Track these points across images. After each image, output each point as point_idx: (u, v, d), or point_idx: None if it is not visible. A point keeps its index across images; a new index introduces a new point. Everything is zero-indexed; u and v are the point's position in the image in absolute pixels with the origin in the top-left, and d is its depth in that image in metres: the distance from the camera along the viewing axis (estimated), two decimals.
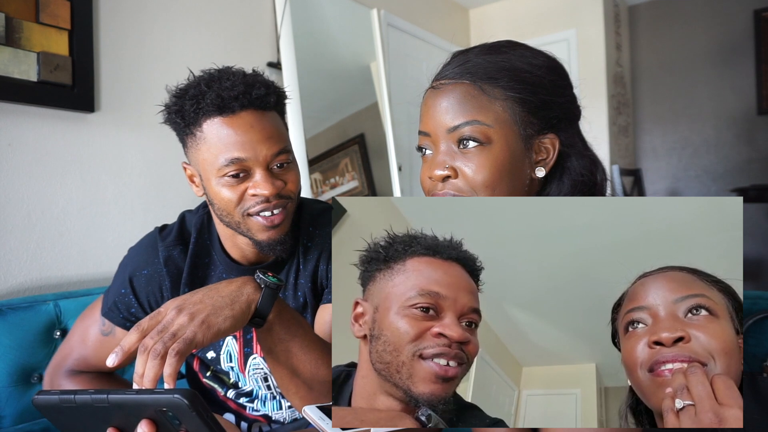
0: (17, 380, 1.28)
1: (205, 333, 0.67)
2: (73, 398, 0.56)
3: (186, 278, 0.96)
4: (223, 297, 0.71)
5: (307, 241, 0.99)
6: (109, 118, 1.68)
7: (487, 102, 0.69)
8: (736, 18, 3.81)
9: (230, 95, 0.83)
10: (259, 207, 0.85)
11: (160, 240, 0.98)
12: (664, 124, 4.11)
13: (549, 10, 3.78)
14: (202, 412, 0.54)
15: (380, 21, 2.89)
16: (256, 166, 0.84)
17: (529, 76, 0.70)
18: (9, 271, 1.46)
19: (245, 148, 0.83)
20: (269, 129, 0.85)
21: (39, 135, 1.53)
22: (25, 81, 1.46)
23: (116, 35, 1.72)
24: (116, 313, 0.96)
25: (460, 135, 0.69)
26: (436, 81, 0.74)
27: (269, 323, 0.75)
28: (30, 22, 1.47)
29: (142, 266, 0.97)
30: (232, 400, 1.07)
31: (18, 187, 1.49)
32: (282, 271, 0.99)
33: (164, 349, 0.64)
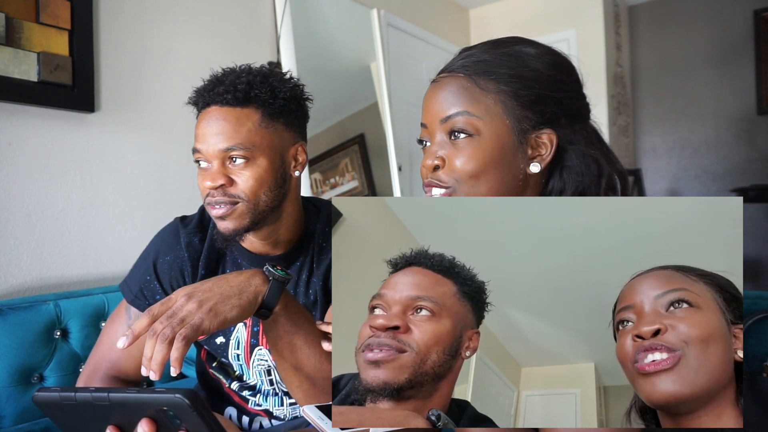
0: (17, 380, 1.28)
1: (212, 320, 0.70)
2: (73, 396, 0.56)
3: (203, 262, 0.99)
4: (231, 287, 0.74)
5: (322, 241, 1.01)
6: (109, 118, 1.68)
7: (479, 94, 0.70)
8: (736, 18, 3.81)
9: (205, 91, 0.91)
10: (208, 198, 0.91)
11: (182, 227, 1.01)
12: (664, 124, 4.11)
13: (549, 10, 3.78)
14: (203, 411, 0.54)
15: (380, 21, 2.89)
16: (210, 159, 0.90)
17: (525, 70, 0.71)
18: (9, 271, 1.46)
19: (200, 140, 0.90)
20: (224, 125, 0.89)
21: (39, 135, 1.54)
22: (25, 81, 1.46)
23: (116, 35, 1.72)
24: (142, 300, 0.98)
25: (451, 125, 0.71)
26: (438, 75, 0.76)
27: (275, 315, 0.77)
28: (30, 22, 1.47)
29: (165, 252, 1.00)
30: (236, 393, 1.07)
31: (18, 187, 1.49)
32: (293, 267, 1.01)
33: (172, 333, 0.66)
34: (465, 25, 4.05)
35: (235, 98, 0.89)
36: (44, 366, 1.33)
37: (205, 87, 0.92)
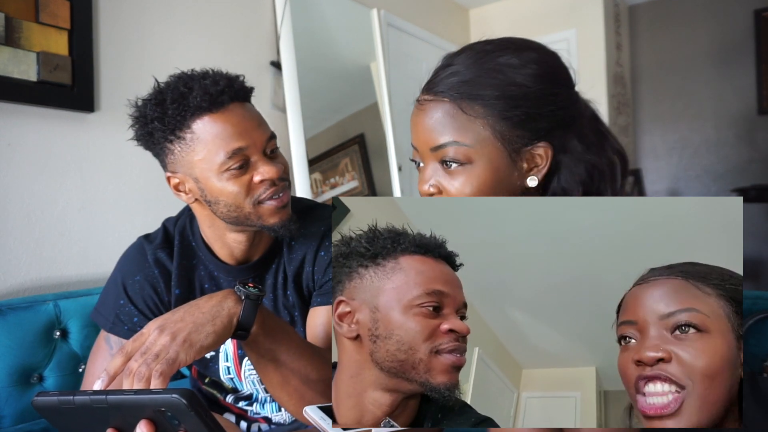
0: (17, 380, 1.28)
1: (187, 351, 0.67)
2: (72, 399, 0.56)
3: (176, 280, 0.95)
4: (204, 313, 0.71)
5: (290, 239, 0.98)
6: (109, 118, 1.68)
7: (467, 122, 0.68)
8: (736, 18, 3.81)
9: (216, 90, 0.83)
10: (269, 192, 0.86)
11: (147, 243, 0.98)
12: (664, 124, 4.11)
13: (549, 10, 3.78)
14: (201, 411, 0.54)
15: (380, 21, 2.89)
16: (255, 154, 0.86)
17: (511, 89, 0.68)
18: (9, 271, 1.46)
19: (244, 138, 0.84)
20: (257, 117, 0.88)
21: (39, 135, 1.53)
22: (24, 81, 1.46)
23: (116, 35, 1.72)
24: (121, 326, 0.94)
25: (442, 155, 0.70)
26: (421, 95, 0.73)
27: (253, 335, 0.74)
28: (30, 21, 1.47)
29: (133, 272, 0.96)
30: (233, 405, 1.07)
31: (18, 187, 1.49)
32: (270, 270, 0.98)
33: (148, 371, 0.64)
34: (465, 25, 4.05)
35: (247, 94, 0.89)
36: (44, 366, 1.33)
37: (214, 86, 0.84)
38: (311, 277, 0.96)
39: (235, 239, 0.93)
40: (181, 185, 0.89)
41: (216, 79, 0.84)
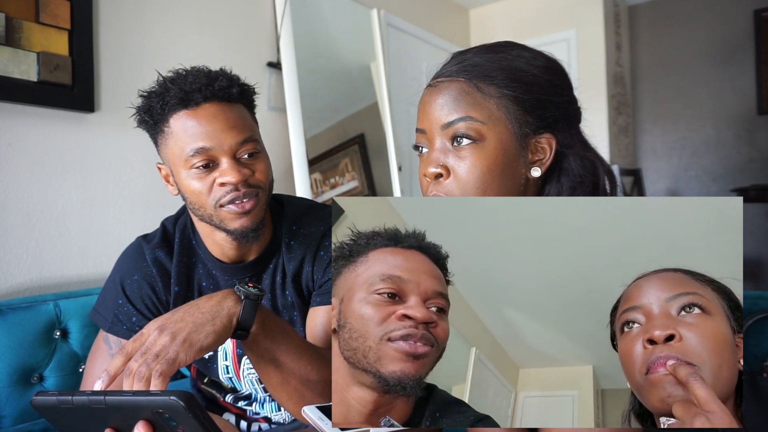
0: (17, 380, 1.28)
1: (187, 351, 0.68)
2: (70, 399, 0.56)
3: (175, 278, 0.96)
4: (203, 313, 0.71)
5: (290, 239, 0.98)
6: (109, 118, 1.68)
7: (482, 99, 0.69)
8: (736, 18, 3.81)
9: (192, 88, 0.84)
10: (230, 196, 0.86)
11: (145, 243, 0.98)
12: (664, 124, 4.11)
13: (549, 10, 3.78)
14: (198, 413, 0.54)
15: (380, 21, 2.89)
16: (222, 156, 0.85)
17: (524, 75, 0.70)
18: (9, 271, 1.46)
19: (209, 138, 0.84)
20: (233, 119, 0.86)
21: (39, 135, 1.53)
22: (25, 81, 1.46)
23: (116, 35, 1.72)
24: (119, 325, 0.95)
25: (454, 131, 0.69)
26: (433, 80, 0.74)
27: (253, 335, 0.75)
28: (30, 22, 1.47)
29: (131, 272, 0.96)
30: (232, 404, 1.07)
31: (18, 187, 1.49)
32: (268, 270, 0.98)
33: (148, 371, 0.64)
34: (465, 25, 4.05)
35: (229, 95, 0.87)
36: (44, 366, 1.33)
37: (191, 84, 0.85)
38: (311, 276, 0.96)
39: (221, 237, 0.93)
40: (169, 176, 0.92)
41: (197, 78, 0.86)
